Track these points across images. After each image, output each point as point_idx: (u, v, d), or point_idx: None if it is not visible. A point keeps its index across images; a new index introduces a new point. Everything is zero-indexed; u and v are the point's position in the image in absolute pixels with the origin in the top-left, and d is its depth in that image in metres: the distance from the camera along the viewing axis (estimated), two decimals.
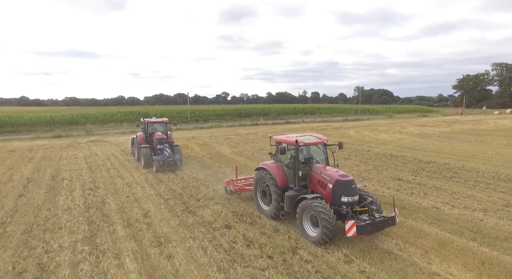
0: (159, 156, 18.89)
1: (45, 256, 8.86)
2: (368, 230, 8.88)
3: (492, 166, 19.39)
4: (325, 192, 9.91)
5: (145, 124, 21.83)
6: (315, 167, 10.51)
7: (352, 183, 9.61)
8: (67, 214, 12.14)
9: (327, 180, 9.84)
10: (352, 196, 9.49)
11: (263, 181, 11.65)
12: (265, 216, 11.44)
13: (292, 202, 10.30)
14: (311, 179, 10.55)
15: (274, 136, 12.13)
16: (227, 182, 14.41)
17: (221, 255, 8.83)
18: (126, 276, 7.86)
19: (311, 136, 11.40)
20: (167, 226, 10.92)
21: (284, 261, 8.44)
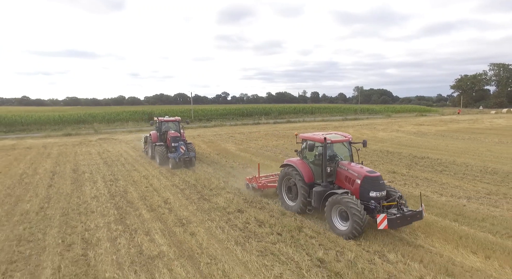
0: (175, 153, 19.51)
1: (86, 233, 10.31)
2: (398, 223, 9.25)
3: (481, 161, 20.83)
4: (352, 187, 10.25)
5: (159, 122, 22.53)
6: (342, 164, 10.87)
7: (380, 178, 10.02)
8: (95, 201, 13.58)
9: (355, 176, 10.18)
10: (380, 191, 9.88)
11: (288, 178, 12.02)
12: (291, 212, 11.76)
13: (320, 197, 10.61)
14: (338, 175, 10.91)
15: (300, 134, 12.49)
16: (249, 179, 14.68)
17: (237, 233, 10.27)
18: (158, 248, 9.30)
19: (336, 134, 11.76)
20: (186, 211, 12.36)
21: (292, 237, 9.88)
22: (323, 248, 9.17)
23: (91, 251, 9.09)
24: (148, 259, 8.64)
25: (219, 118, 59.11)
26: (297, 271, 8.00)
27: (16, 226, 10.93)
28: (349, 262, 8.30)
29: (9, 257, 8.77)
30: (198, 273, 7.97)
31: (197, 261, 8.53)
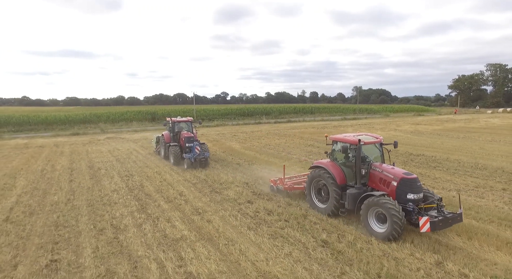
0: (190, 154, 19.61)
1: (113, 220, 11.51)
2: (440, 226, 9.09)
3: (473, 158, 22.08)
4: (388, 189, 10.11)
5: (172, 123, 22.52)
6: (375, 166, 10.76)
7: (417, 181, 9.88)
8: (116, 193, 14.78)
9: (391, 178, 10.08)
10: (418, 193, 9.74)
11: (318, 180, 11.85)
12: (321, 214, 11.61)
13: (355, 199, 10.45)
14: (371, 177, 10.79)
15: (331, 135, 12.40)
16: (274, 181, 14.67)
17: (248, 220, 11.49)
18: (180, 232, 10.51)
19: (366, 135, 11.59)
20: (201, 202, 13.57)
21: (298, 223, 11.10)
22: (326, 231, 10.40)
23: (121, 235, 10.31)
24: (173, 241, 9.85)
25: (220, 118, 60.35)
26: (304, 250, 9.22)
27: (49, 214, 12.13)
28: (349, 243, 9.52)
29: (52, 239, 9.99)
30: (219, 252, 9.18)
31: (216, 243, 9.75)
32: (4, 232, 10.58)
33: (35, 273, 8.06)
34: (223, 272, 8.09)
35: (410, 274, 7.86)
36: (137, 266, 8.43)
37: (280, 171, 18.82)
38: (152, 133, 40.13)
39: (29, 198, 14.22)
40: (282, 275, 7.93)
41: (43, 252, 9.15)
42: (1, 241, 9.89)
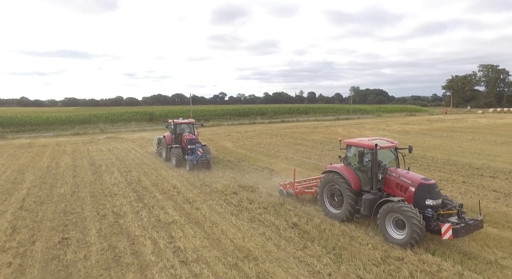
0: (192, 155, 19.68)
1: (114, 208, 13.18)
2: (462, 233, 8.90)
3: (447, 155, 23.81)
4: (405, 195, 9.97)
5: (174, 125, 22.59)
6: (391, 170, 10.63)
7: (436, 186, 9.71)
8: (115, 187, 16.45)
9: (409, 183, 9.94)
10: (437, 199, 9.58)
11: (331, 184, 11.69)
12: (335, 219, 11.43)
13: (372, 205, 10.29)
14: (387, 182, 10.65)
15: (345, 139, 12.23)
16: (283, 185, 14.39)
17: (232, 208, 13.18)
18: (172, 217, 12.18)
19: (381, 139, 11.47)
20: (192, 193, 15.25)
21: (275, 210, 12.79)
22: (298, 216, 12.10)
23: (121, 220, 11.98)
24: (165, 224, 11.53)
25: (217, 118, 62.04)
26: (276, 230, 10.91)
27: (58, 204, 13.80)
28: (315, 225, 11.22)
29: (62, 223, 11.67)
30: (203, 232, 10.86)
31: (202, 225, 11.43)
32: (21, 217, 12.25)
33: (51, 247, 9.74)
34: (206, 247, 9.77)
35: (359, 247, 9.54)
36: (135, 242, 10.10)
37: (267, 167, 20.57)
38: (150, 133, 41.79)
39: (38, 190, 15.88)
40: (254, 248, 9.60)
41: (55, 232, 10.82)
42: (19, 224, 11.56)
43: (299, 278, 8.07)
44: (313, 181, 15.04)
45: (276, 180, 17.31)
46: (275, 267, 8.55)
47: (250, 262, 8.82)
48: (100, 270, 8.48)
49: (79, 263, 8.82)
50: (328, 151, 26.08)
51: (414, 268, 8.35)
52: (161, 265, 8.69)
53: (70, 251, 9.53)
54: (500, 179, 17.12)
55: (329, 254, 9.18)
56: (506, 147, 27.45)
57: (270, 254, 9.27)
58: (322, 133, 39.29)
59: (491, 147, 27.22)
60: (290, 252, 9.41)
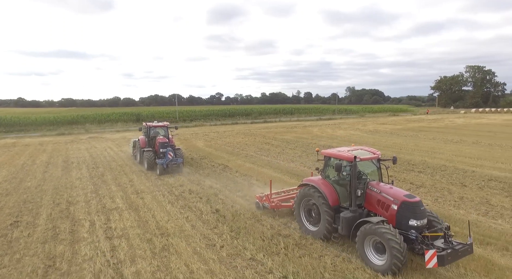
0: (163, 159, 19.62)
1: (69, 198, 15.15)
2: (449, 260, 7.94)
3: (397, 153, 25.68)
4: (387, 213, 9.01)
5: (147, 128, 22.61)
6: (372, 185, 9.66)
7: (421, 204, 8.69)
8: (79, 180, 18.42)
9: (391, 200, 8.94)
10: (421, 219, 8.57)
11: (308, 199, 10.63)
12: (312, 237, 10.46)
13: (350, 225, 9.27)
14: (368, 198, 9.67)
15: (323, 150, 11.08)
16: (259, 197, 13.27)
17: (172, 197, 15.15)
18: (116, 205, 14.14)
19: (363, 150, 10.47)
20: (144, 186, 17.21)
21: (208, 199, 14.74)
22: (223, 204, 14.05)
23: (72, 207, 13.95)
24: (108, 210, 13.50)
25: (202, 119, 64.03)
26: (198, 214, 12.89)
27: (21, 195, 15.77)
28: (234, 211, 13.16)
29: (19, 209, 13.66)
30: (137, 216, 12.83)
31: (138, 211, 13.39)
32: None
33: (2, 228, 11.71)
34: (133, 227, 11.74)
35: (260, 227, 11.51)
36: (75, 224, 12.07)
37: (223, 164, 22.52)
38: (132, 133, 43.65)
39: (7, 184, 17.84)
40: (172, 228, 11.58)
41: (10, 217, 12.79)
42: None
43: (196, 248, 10.05)
44: (291, 192, 13.96)
45: (224, 174, 19.33)
46: (181, 241, 10.52)
47: (163, 238, 10.80)
48: (37, 244, 10.44)
49: (21, 239, 10.78)
50: (289, 150, 28.04)
51: (291, 241, 10.34)
52: (89, 240, 10.66)
53: (18, 230, 11.50)
54: (425, 173, 19.08)
55: (231, 233, 11.14)
56: (456, 145, 29.42)
57: (183, 232, 11.24)
58: (295, 133, 41.28)
59: (443, 146, 29.17)
60: (200, 230, 11.39)
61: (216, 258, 9.44)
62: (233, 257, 9.48)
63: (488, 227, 11.32)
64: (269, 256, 9.43)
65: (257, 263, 9.14)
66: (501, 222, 11.78)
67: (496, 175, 18.20)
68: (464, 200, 14.28)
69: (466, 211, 12.99)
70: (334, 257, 9.33)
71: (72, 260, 9.36)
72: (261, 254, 9.60)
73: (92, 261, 9.24)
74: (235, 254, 9.68)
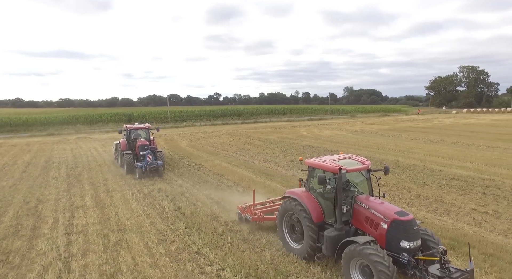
0: (142, 162, 19.18)
1: (41, 197, 15.68)
2: None
3: (375, 153, 26.24)
4: (376, 232, 8.11)
5: (128, 130, 22.22)
6: (360, 199, 8.67)
7: (414, 223, 7.76)
8: (54, 180, 18.95)
9: (380, 218, 8.03)
10: (414, 240, 7.65)
11: (291, 213, 9.68)
12: (296, 255, 9.51)
13: (334, 245, 8.32)
14: (355, 214, 8.71)
15: (306, 159, 9.98)
16: (242, 208, 12.16)
17: (140, 195, 15.68)
18: (84, 203, 14.68)
19: (351, 159, 9.43)
20: (116, 184, 17.74)
21: (174, 197, 15.26)
22: (187, 202, 14.59)
23: (40, 205, 14.47)
24: (75, 208, 14.04)
25: (193, 119, 64.57)
26: (160, 211, 13.42)
27: None
28: (195, 209, 13.68)
29: None
30: (101, 213, 13.35)
31: (104, 208, 13.92)
32: None
33: None
34: (94, 223, 12.27)
35: (215, 224, 12.04)
36: (39, 221, 12.60)
37: (199, 163, 23.05)
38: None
39: None
40: (131, 224, 12.11)
41: None
42: None
43: (148, 243, 10.58)
44: (277, 202, 12.54)
45: (198, 174, 19.87)
46: (135, 236, 11.06)
47: (119, 233, 11.34)
48: None
49: None
50: (269, 150, 28.56)
51: (239, 237, 10.89)
52: (48, 236, 11.19)
53: None
54: (393, 173, 19.51)
55: (186, 229, 11.67)
56: (435, 145, 29.95)
57: (140, 228, 11.78)
58: (281, 133, 41.83)
59: (421, 146, 29.70)
60: (157, 226, 11.92)
61: (164, 252, 9.98)
62: (180, 251, 10.02)
63: (431, 223, 11.85)
64: (214, 250, 9.97)
65: (201, 256, 9.68)
66: (445, 219, 12.33)
67: (460, 174, 18.75)
68: (420, 198, 14.82)
69: (417, 208, 13.54)
70: (274, 252, 9.88)
71: (26, 255, 9.88)
72: (208, 248, 10.14)
73: (45, 256, 9.77)
74: (182, 248, 10.21)
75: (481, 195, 14.95)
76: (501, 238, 10.57)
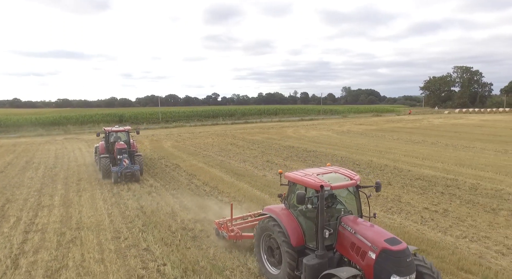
0: (118, 166, 18.60)
1: (11, 196, 16.09)
2: None
3: (352, 154, 26.65)
4: (363, 263, 6.95)
5: (106, 133, 21.65)
6: (346, 222, 7.49)
7: (407, 253, 6.59)
8: (29, 180, 19.37)
9: (368, 246, 6.86)
10: (408, 274, 6.45)
11: (269, 234, 8.58)
12: None
13: (315, 275, 7.15)
14: (340, 238, 7.55)
15: (286, 172, 8.70)
16: (218, 224, 10.87)
17: (109, 195, 16.11)
18: (52, 202, 15.10)
19: (337, 173, 8.21)
20: (89, 185, 18.16)
21: (140, 196, 15.69)
22: (151, 201, 15.00)
23: (8, 205, 14.89)
24: (41, 207, 14.46)
25: (184, 120, 65.01)
26: (123, 210, 13.85)
27: None
28: (155, 208, 14.08)
29: None
30: (65, 212, 13.77)
31: (69, 207, 14.35)
32: None
33: None
34: (55, 222, 12.69)
35: (171, 222, 12.46)
36: (3, 220, 13.01)
37: (176, 164, 23.43)
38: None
39: None
40: (91, 222, 12.53)
41: None
42: None
43: (101, 240, 11.01)
44: (254, 218, 11.43)
45: (171, 174, 20.28)
46: (91, 234, 11.48)
47: (76, 231, 11.78)
48: None
49: None
50: (249, 150, 28.97)
51: (190, 234, 11.31)
52: (6, 234, 11.59)
53: None
54: (362, 173, 19.91)
55: (142, 227, 12.09)
56: (414, 146, 30.38)
57: (99, 226, 12.20)
58: (267, 134, 42.27)
59: (401, 146, 30.09)
60: (115, 224, 12.35)
61: (113, 248, 10.40)
62: (129, 248, 10.44)
63: (380, 222, 12.25)
64: (161, 247, 10.39)
65: (148, 253, 10.10)
66: (395, 217, 12.76)
67: (426, 174, 19.17)
68: (378, 198, 15.21)
69: (372, 207, 13.83)
70: (218, 249, 10.28)
71: None
72: (157, 245, 10.56)
73: None
74: (133, 245, 10.64)
75: (438, 195, 15.38)
76: (440, 235, 11.01)
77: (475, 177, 18.38)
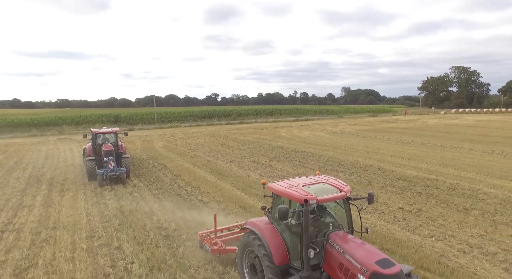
0: (104, 169, 18.31)
1: None
2: None
3: (340, 154, 26.78)
4: None
5: (93, 135, 21.36)
6: (334, 239, 6.83)
7: (400, 276, 5.98)
8: (15, 180, 19.57)
9: (357, 268, 6.19)
10: None
11: (251, 250, 7.92)
12: None
13: None
14: (327, 257, 6.91)
15: (270, 184, 7.93)
16: (202, 236, 10.09)
17: (92, 195, 16.30)
18: (33, 202, 15.28)
19: (326, 183, 7.53)
20: (74, 185, 18.36)
21: (122, 196, 15.87)
22: (132, 201, 15.20)
23: None
24: (22, 207, 14.65)
25: (179, 120, 65.19)
26: (103, 210, 14.04)
27: None
28: (133, 209, 14.28)
29: None
30: (45, 212, 13.95)
31: (49, 207, 14.55)
32: None
33: None
34: (33, 221, 12.88)
35: (147, 221, 12.64)
36: None
37: (163, 164, 23.58)
38: None
39: None
40: (69, 222, 12.73)
41: None
42: None
43: (75, 239, 11.20)
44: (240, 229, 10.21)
45: (157, 174, 20.47)
46: (66, 233, 11.69)
47: (52, 230, 11.98)
48: None
49: None
50: (238, 151, 29.16)
51: (163, 233, 11.51)
52: None
53: None
54: (345, 173, 20.08)
55: (118, 226, 12.28)
56: (403, 146, 30.54)
57: (75, 226, 12.40)
58: (260, 134, 42.45)
59: (390, 147, 30.24)
60: (92, 224, 12.54)
61: (85, 247, 10.60)
62: (101, 247, 10.64)
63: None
64: (132, 246, 10.58)
65: (119, 251, 10.30)
66: (368, 217, 12.91)
67: (408, 174, 19.34)
68: None
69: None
70: (187, 248, 10.47)
71: None
72: (129, 244, 10.75)
73: None
74: (105, 244, 10.83)
75: (416, 195, 15.55)
76: (408, 235, 11.19)
77: (456, 177, 18.55)
